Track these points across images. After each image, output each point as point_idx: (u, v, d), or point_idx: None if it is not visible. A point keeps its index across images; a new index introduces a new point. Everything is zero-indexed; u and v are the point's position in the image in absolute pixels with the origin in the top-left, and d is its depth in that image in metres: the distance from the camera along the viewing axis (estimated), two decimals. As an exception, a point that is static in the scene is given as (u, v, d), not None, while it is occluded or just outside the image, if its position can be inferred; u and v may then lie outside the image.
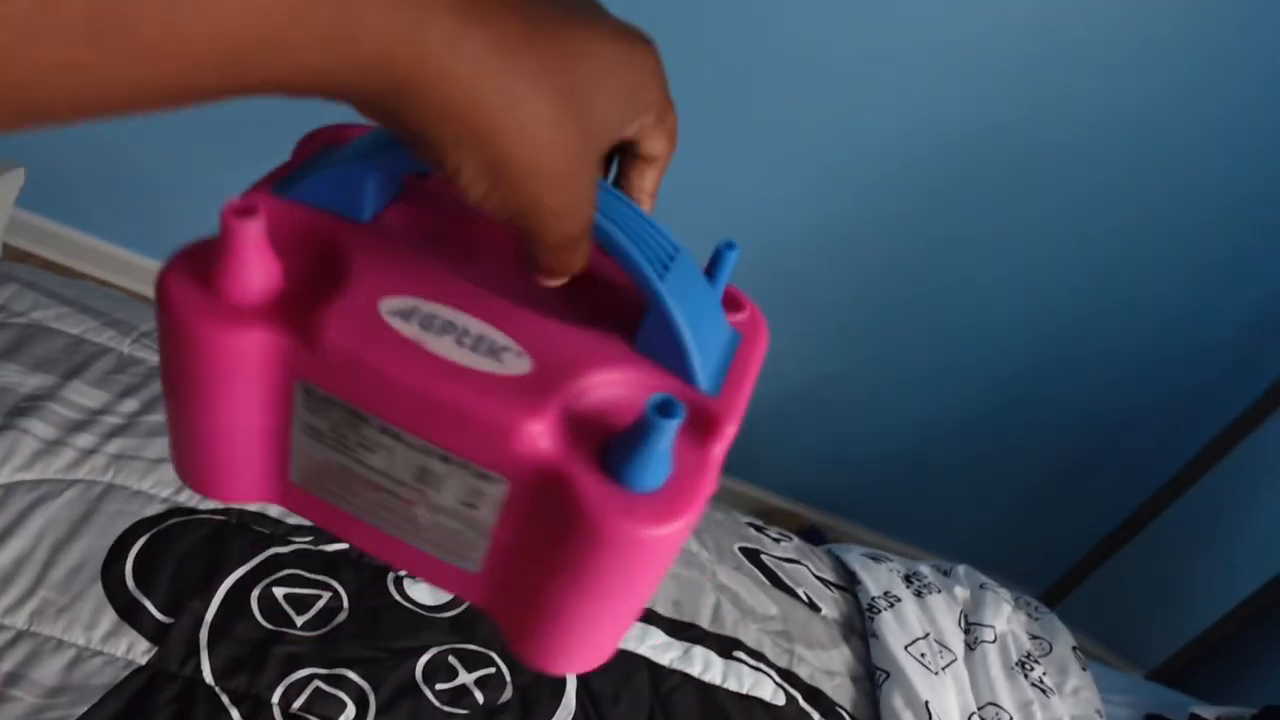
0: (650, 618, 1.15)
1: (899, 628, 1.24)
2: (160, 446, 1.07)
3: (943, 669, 1.21)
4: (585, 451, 0.29)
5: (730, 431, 0.32)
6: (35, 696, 0.78)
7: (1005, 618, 1.35)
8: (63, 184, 1.90)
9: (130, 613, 0.88)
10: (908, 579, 1.38)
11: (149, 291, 1.75)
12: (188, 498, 1.03)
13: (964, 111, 1.72)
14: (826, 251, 1.98)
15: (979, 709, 1.19)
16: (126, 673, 0.83)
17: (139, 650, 0.85)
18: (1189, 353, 2.11)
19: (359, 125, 0.34)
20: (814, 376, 2.23)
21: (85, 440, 1.03)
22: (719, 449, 0.32)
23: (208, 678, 0.85)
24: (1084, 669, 1.36)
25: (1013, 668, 1.26)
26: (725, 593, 1.24)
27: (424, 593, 1.04)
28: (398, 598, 1.02)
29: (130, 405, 1.10)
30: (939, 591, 1.37)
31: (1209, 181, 1.79)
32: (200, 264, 0.29)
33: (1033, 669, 1.27)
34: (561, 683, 1.01)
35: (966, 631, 1.32)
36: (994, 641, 1.30)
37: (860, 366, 2.20)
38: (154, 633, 0.87)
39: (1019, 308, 2.06)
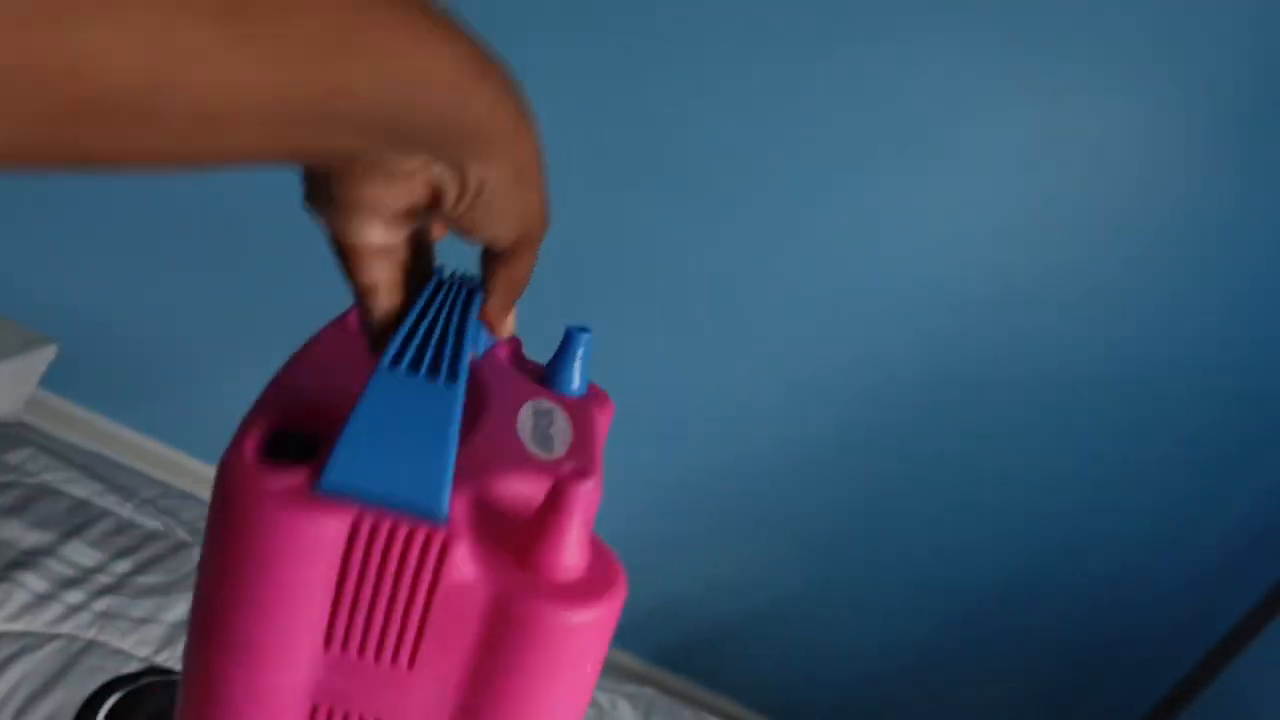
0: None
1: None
2: (146, 607, 1.10)
3: None
4: None
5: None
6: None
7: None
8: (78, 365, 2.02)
9: (93, 768, 0.88)
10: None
11: (156, 471, 1.81)
12: (165, 658, 1.05)
13: (943, 335, 1.84)
14: (799, 471, 2.06)
15: None
16: (80, 829, 0.82)
17: (96, 807, 0.85)
18: (1177, 570, 2.13)
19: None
20: (786, 593, 2.25)
21: (75, 596, 1.07)
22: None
23: (160, 840, 0.85)
24: None
25: None
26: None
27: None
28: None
29: (123, 566, 1.14)
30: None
31: (1195, 393, 1.88)
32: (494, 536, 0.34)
33: None
34: None
35: None
36: None
37: (834, 584, 2.22)
38: (114, 790, 0.87)
39: (998, 529, 2.11)
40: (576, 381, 0.45)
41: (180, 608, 1.12)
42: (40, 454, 1.28)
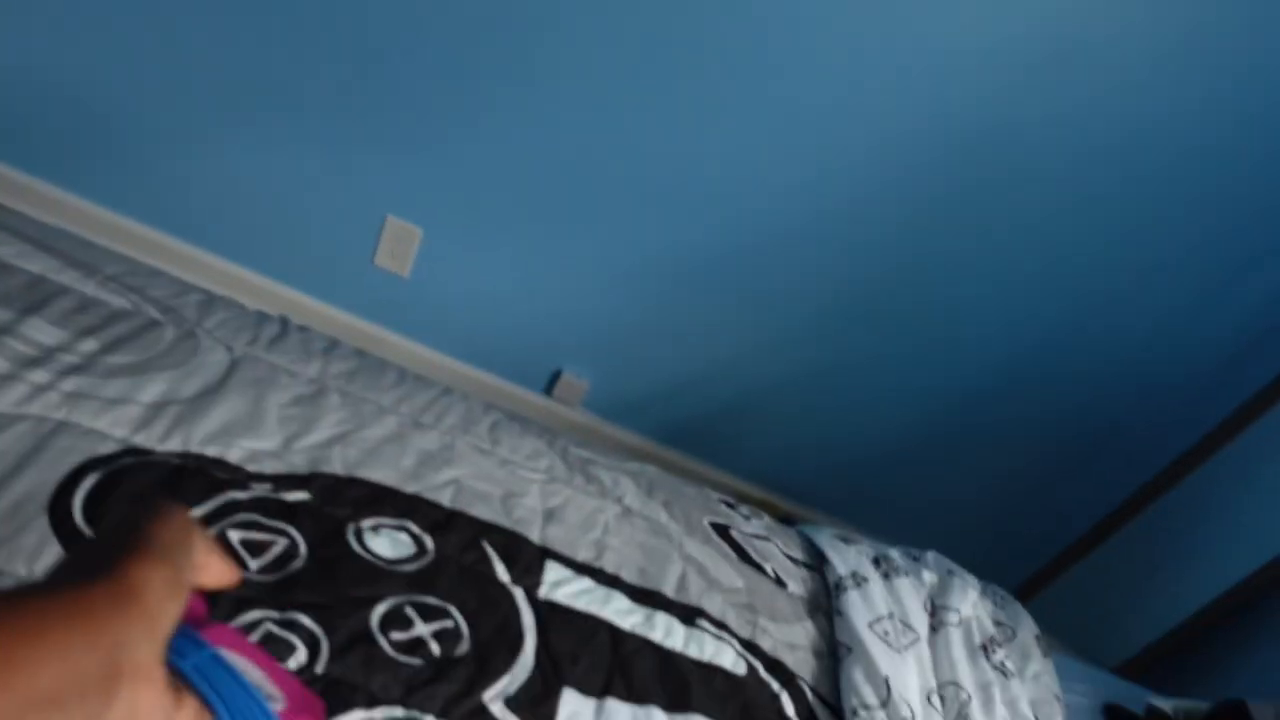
0: (614, 583, 1.13)
1: (864, 606, 1.24)
2: (118, 387, 1.04)
3: (905, 648, 1.20)
4: None
5: None
6: (-28, 622, 0.75)
7: (971, 603, 1.35)
8: (29, 134, 1.87)
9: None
10: (876, 561, 1.38)
11: (119, 246, 1.71)
12: (144, 439, 1.00)
13: (965, 109, 1.72)
14: (801, 252, 1.98)
15: (939, 687, 1.18)
16: (70, 605, 0.80)
17: (84, 584, 0.83)
18: (1174, 360, 2.12)
19: None
20: (794, 370, 2.23)
21: (40, 376, 1.00)
22: None
23: (154, 615, 0.83)
24: (1045, 656, 1.36)
25: (975, 650, 1.26)
26: (692, 564, 1.23)
27: (384, 545, 1.02)
28: (357, 548, 1.00)
29: (89, 345, 1.08)
30: (907, 575, 1.36)
31: (1215, 188, 1.81)
32: None
33: (994, 652, 1.27)
34: (520, 639, 0.99)
35: (932, 614, 1.31)
36: (958, 625, 1.29)
37: (833, 366, 2.20)
38: (101, 567, 0.84)
39: (1006, 309, 2.06)
40: None
41: (156, 387, 1.06)
42: (-12, 227, 1.18)
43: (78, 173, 1.92)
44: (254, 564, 0.92)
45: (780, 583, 1.29)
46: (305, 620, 0.89)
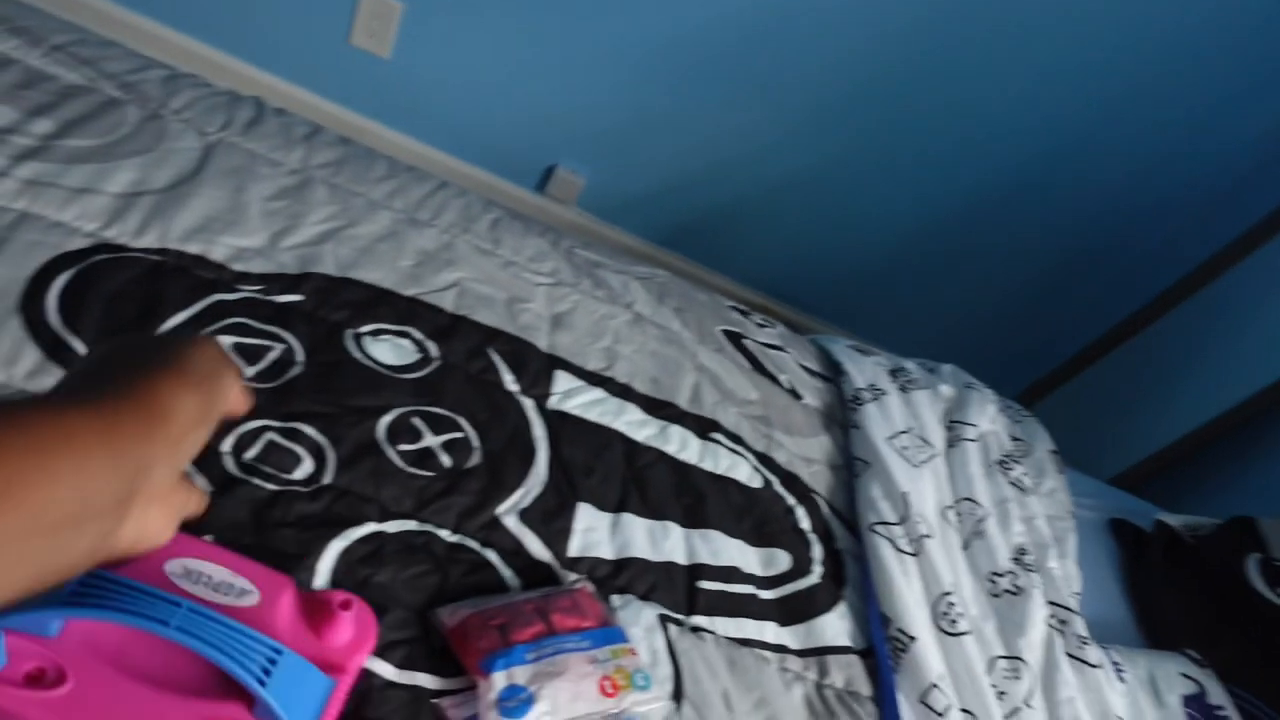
0: (627, 394, 1.09)
1: (882, 420, 1.20)
2: (82, 175, 0.93)
3: (922, 463, 1.18)
4: None
5: None
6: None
7: (989, 418, 1.32)
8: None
9: (57, 351, 0.78)
10: (893, 373, 1.34)
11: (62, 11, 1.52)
12: (117, 233, 0.91)
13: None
14: (825, 37, 1.81)
15: (955, 503, 1.17)
16: (52, 413, 0.74)
17: (65, 390, 0.77)
18: (1189, 175, 2.02)
19: None
20: (797, 172, 2.11)
21: (-7, 160, 0.89)
22: None
23: (145, 424, 0.77)
24: (1060, 472, 1.35)
25: (992, 466, 1.24)
26: (705, 374, 1.18)
27: (386, 352, 0.95)
28: (357, 355, 0.93)
29: (44, 126, 0.96)
30: (924, 388, 1.32)
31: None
32: None
33: (1011, 468, 1.25)
34: (532, 451, 0.95)
35: (949, 429, 1.29)
36: (976, 440, 1.27)
37: (844, 157, 2.07)
38: (82, 373, 0.78)
39: (1018, 104, 1.92)
40: None
41: (125, 175, 0.96)
42: (-89, -17, 1.02)
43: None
44: (250, 370, 0.86)
45: (795, 395, 1.25)
46: (309, 430, 0.84)
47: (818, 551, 1.05)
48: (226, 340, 0.87)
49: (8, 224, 0.85)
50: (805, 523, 1.08)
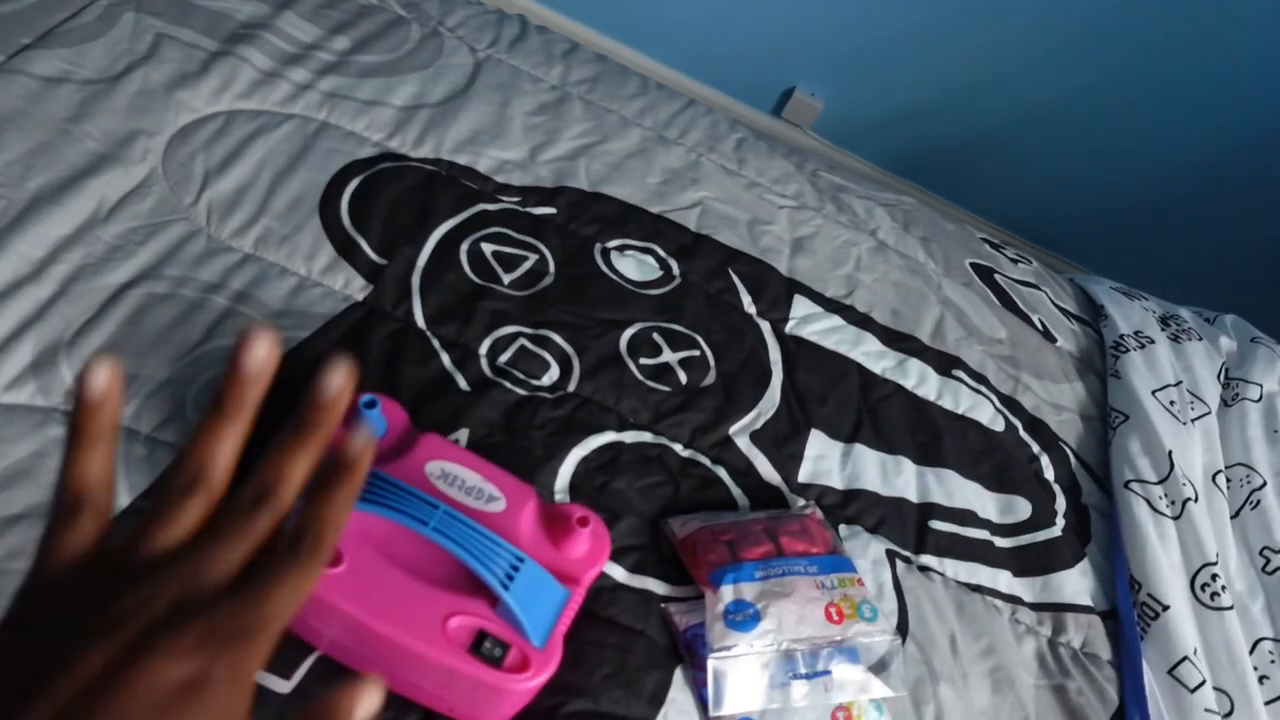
0: (866, 323, 1.06)
1: (1148, 370, 1.10)
2: (371, 88, 1.02)
3: (1192, 420, 1.07)
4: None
5: (549, 666, 0.60)
6: (262, 315, 0.80)
7: (1276, 377, 1.17)
8: None
9: (347, 250, 0.87)
10: (1164, 321, 1.21)
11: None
12: (399, 143, 0.99)
13: None
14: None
15: (1227, 468, 1.06)
16: (345, 306, 0.83)
17: (355, 286, 0.85)
18: None
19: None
20: (1049, 100, 1.91)
21: (300, 75, 0.99)
22: (538, 678, 0.59)
23: (419, 321, 0.85)
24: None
25: (1276, 430, 1.10)
26: (950, 308, 1.12)
27: (631, 267, 0.98)
28: (604, 268, 0.97)
29: (342, 43, 1.05)
30: (1199, 339, 1.19)
31: None
32: None
33: (1302, 435, 1.11)
34: (767, 374, 0.96)
35: (1225, 386, 1.16)
36: (1259, 400, 1.13)
37: (1110, 82, 1.84)
38: (369, 271, 0.87)
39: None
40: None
41: (407, 89, 1.03)
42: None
43: None
44: (507, 278, 0.92)
45: (1049, 336, 1.17)
46: (556, 338, 0.89)
47: (1061, 504, 0.99)
48: (488, 249, 0.93)
49: (312, 132, 0.95)
50: (1050, 473, 1.02)
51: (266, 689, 0.61)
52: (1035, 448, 1.03)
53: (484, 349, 0.85)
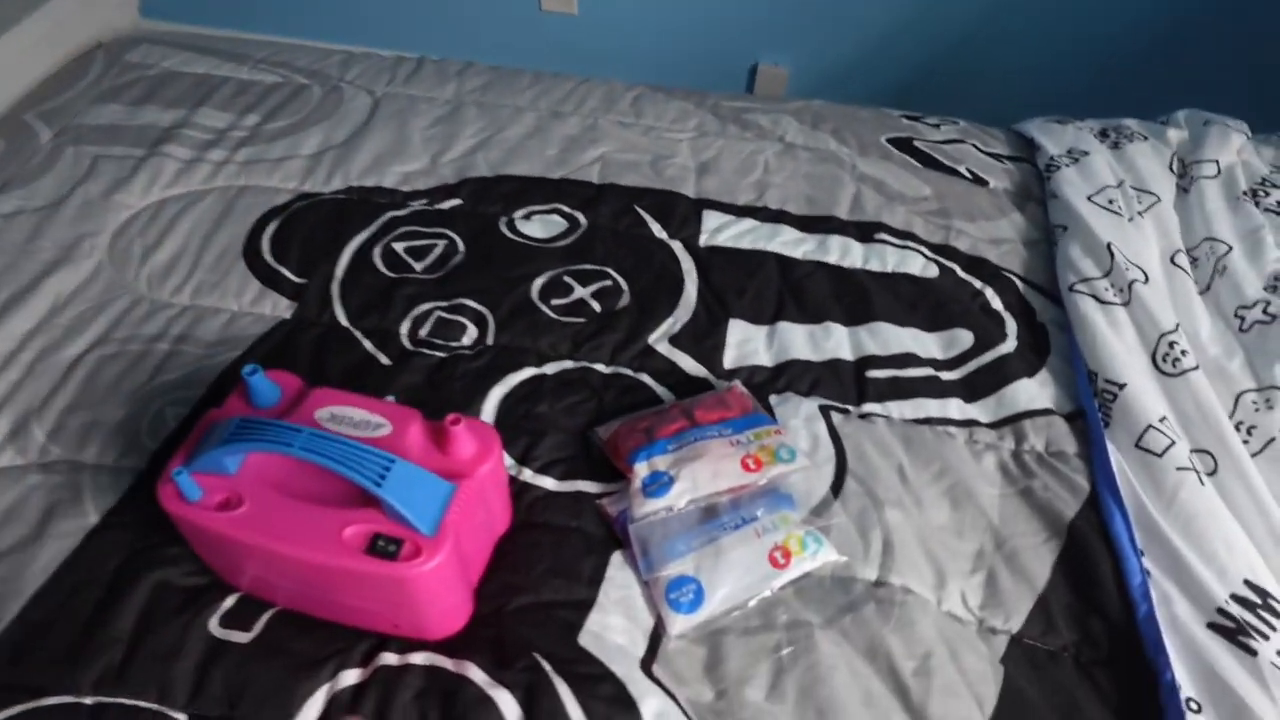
0: (780, 218, 1.08)
1: (1081, 180, 1.07)
2: (282, 147, 1.13)
3: (1140, 213, 1.03)
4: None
5: (442, 549, 0.63)
6: (201, 349, 0.90)
7: (1234, 149, 1.12)
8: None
9: (271, 280, 0.97)
10: (1103, 133, 1.17)
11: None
12: (311, 185, 1.09)
13: None
14: None
15: (1190, 249, 1.01)
16: (272, 324, 0.93)
17: (281, 307, 0.95)
18: None
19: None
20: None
21: (217, 154, 1.12)
22: (432, 560, 0.63)
23: (342, 320, 0.93)
24: (1353, 192, 1.10)
25: (1238, 198, 1.05)
26: (867, 182, 1.13)
27: (537, 228, 1.04)
28: (510, 236, 1.03)
29: (252, 119, 1.17)
30: (1144, 139, 1.15)
31: None
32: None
33: (1267, 194, 1.05)
34: (679, 283, 0.99)
35: (1181, 174, 1.11)
36: (1216, 175, 1.08)
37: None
38: (292, 292, 0.96)
39: None
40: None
41: (313, 140, 1.14)
42: (154, 48, 1.30)
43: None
44: (419, 265, 0.99)
45: (979, 181, 1.15)
46: (470, 303, 0.95)
47: (1013, 327, 0.97)
48: (399, 246, 1.01)
49: (232, 196, 1.07)
50: (997, 302, 1.00)
51: (230, 642, 0.68)
52: (977, 284, 1.02)
53: (404, 329, 0.93)
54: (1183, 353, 0.86)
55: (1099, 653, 0.72)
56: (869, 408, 0.88)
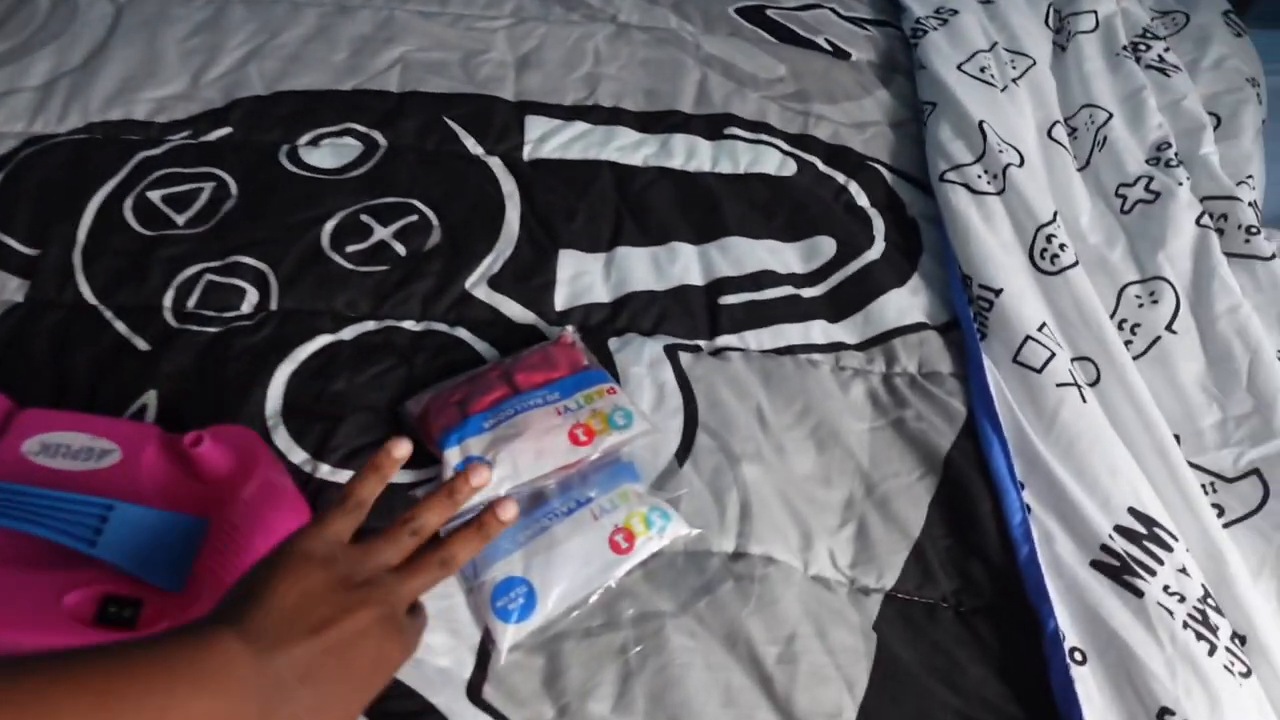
0: (616, 118, 0.93)
1: (950, 46, 0.95)
2: (2, 79, 0.92)
3: (1015, 80, 0.92)
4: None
5: (198, 604, 0.52)
6: (-96, 355, 0.72)
7: (1114, -3, 1.00)
8: None
9: (-4, 255, 0.79)
10: (974, -13, 1.04)
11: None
12: (42, 125, 0.89)
13: None
14: None
15: (1068, 118, 0.91)
16: (1, 312, 0.75)
17: (11, 288, 0.77)
18: None
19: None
20: None
21: (-83, 93, 0.90)
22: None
23: (89, 297, 0.76)
24: (1238, 35, 1.01)
25: (1118, 55, 0.95)
26: (714, 65, 0.99)
27: (325, 157, 0.88)
28: (292, 169, 0.86)
29: (-40, 44, 0.94)
30: (1020, -10, 1.03)
31: None
32: None
33: (1148, 48, 0.95)
34: (500, 210, 0.84)
35: (1058, 30, 1.00)
36: (1094, 29, 0.97)
37: None
38: (22, 268, 0.78)
39: None
40: None
41: (41, 65, 0.93)
42: None
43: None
44: (181, 218, 0.82)
45: (840, 53, 1.02)
46: (248, 260, 0.79)
47: (880, 226, 0.87)
48: (155, 195, 0.83)
49: (-65, 146, 0.86)
50: (863, 199, 0.89)
51: None
52: (840, 178, 0.90)
53: (167, 300, 0.76)
54: (1061, 247, 0.77)
55: (980, 599, 0.65)
56: (723, 341, 0.77)
